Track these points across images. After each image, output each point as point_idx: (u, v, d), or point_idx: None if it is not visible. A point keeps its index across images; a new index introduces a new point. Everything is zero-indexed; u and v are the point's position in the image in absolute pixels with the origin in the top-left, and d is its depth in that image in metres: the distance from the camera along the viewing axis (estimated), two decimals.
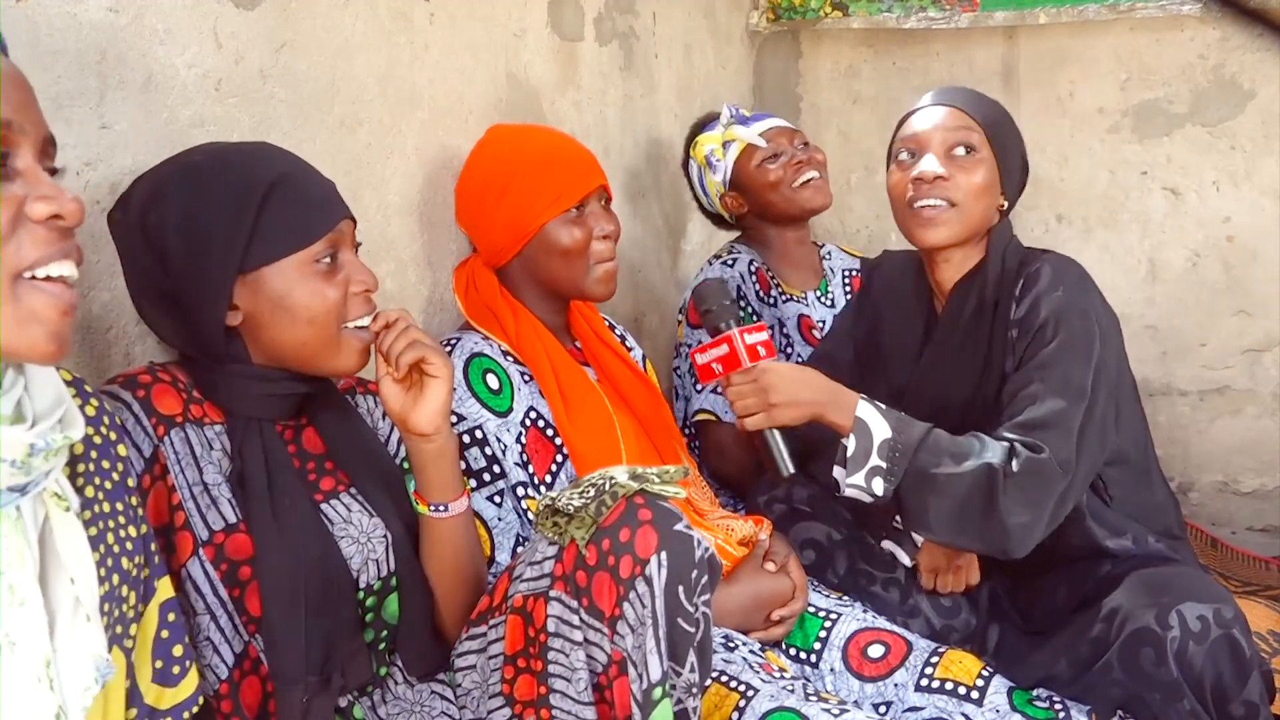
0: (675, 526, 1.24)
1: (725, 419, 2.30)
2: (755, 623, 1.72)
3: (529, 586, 1.32)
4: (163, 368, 1.36)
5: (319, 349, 1.34)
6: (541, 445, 1.74)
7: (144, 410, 1.28)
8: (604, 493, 1.26)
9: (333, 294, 1.33)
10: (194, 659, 1.20)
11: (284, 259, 1.30)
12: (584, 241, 1.78)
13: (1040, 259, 1.79)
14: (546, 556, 1.30)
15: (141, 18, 1.43)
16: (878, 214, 3.04)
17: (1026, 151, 1.89)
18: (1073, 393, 1.66)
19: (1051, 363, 1.68)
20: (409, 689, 1.44)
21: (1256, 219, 2.75)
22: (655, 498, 1.27)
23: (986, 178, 1.77)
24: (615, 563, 1.23)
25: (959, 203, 1.75)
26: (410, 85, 1.92)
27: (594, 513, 1.25)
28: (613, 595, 1.23)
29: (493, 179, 1.80)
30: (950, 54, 2.95)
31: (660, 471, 1.30)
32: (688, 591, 1.22)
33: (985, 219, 1.79)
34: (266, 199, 1.30)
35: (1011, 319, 1.75)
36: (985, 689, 1.62)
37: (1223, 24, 2.69)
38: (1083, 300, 1.72)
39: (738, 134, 2.45)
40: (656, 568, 1.21)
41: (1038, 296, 1.72)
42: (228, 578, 1.28)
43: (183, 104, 1.49)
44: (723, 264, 2.43)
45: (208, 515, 1.30)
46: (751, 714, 1.48)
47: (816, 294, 2.54)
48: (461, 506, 1.44)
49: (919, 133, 1.81)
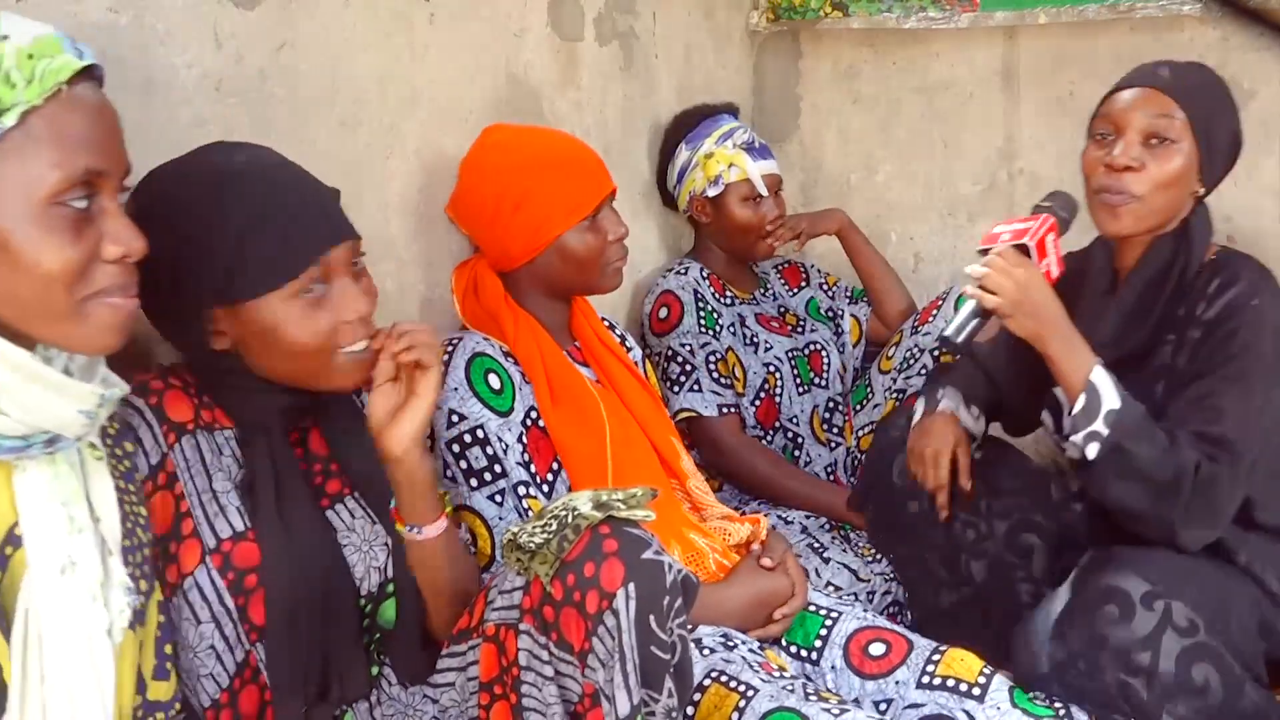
0: (643, 555, 1.20)
1: (705, 415, 2.33)
2: (754, 621, 1.73)
3: (499, 616, 1.29)
4: (173, 371, 1.36)
5: (312, 374, 1.31)
6: (543, 445, 1.74)
7: (156, 418, 1.29)
8: (566, 526, 1.21)
9: (322, 324, 1.28)
10: (175, 664, 1.22)
11: (268, 294, 1.26)
12: (599, 248, 1.81)
13: (1237, 262, 1.76)
14: (515, 587, 1.28)
15: (141, 18, 1.44)
16: (878, 214, 3.04)
17: (1240, 128, 1.83)
18: (1255, 416, 1.67)
19: (1240, 378, 1.67)
20: (402, 690, 1.44)
21: (1256, 219, 2.75)
22: (622, 524, 1.23)
23: (1181, 168, 1.73)
24: (581, 598, 1.19)
25: (1143, 196, 1.72)
26: (410, 85, 1.92)
27: (555, 549, 1.20)
28: (580, 630, 1.19)
29: (506, 188, 1.80)
30: (950, 54, 2.95)
31: (627, 496, 1.25)
32: (660, 619, 1.19)
33: (1173, 209, 1.76)
34: (244, 234, 1.24)
35: (1199, 316, 1.73)
36: (987, 686, 1.62)
37: (1223, 24, 2.69)
38: (1277, 315, 1.70)
39: (746, 167, 2.49)
40: (624, 600, 1.17)
41: (1232, 302, 1.70)
42: (234, 586, 1.29)
43: (183, 104, 1.50)
44: (675, 274, 2.50)
45: (215, 523, 1.30)
46: (751, 714, 1.48)
47: (760, 293, 2.64)
48: (436, 530, 1.39)
49: (1118, 112, 1.76)
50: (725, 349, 2.44)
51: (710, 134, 2.53)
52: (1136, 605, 1.60)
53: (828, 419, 2.57)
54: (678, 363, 2.38)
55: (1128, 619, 1.59)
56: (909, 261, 3.04)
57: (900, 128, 3.04)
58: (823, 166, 3.15)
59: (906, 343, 2.52)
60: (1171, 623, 1.59)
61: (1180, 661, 1.58)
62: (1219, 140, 1.78)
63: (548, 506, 1.26)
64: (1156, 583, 1.61)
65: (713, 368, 2.39)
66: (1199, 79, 1.80)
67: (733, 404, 2.39)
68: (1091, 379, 1.66)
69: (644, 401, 1.92)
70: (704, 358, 2.39)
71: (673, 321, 2.42)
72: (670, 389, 2.37)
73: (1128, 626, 1.59)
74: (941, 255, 3.02)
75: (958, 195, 3.00)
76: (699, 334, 2.41)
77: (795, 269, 2.76)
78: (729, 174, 2.49)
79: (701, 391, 2.35)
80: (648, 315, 2.47)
